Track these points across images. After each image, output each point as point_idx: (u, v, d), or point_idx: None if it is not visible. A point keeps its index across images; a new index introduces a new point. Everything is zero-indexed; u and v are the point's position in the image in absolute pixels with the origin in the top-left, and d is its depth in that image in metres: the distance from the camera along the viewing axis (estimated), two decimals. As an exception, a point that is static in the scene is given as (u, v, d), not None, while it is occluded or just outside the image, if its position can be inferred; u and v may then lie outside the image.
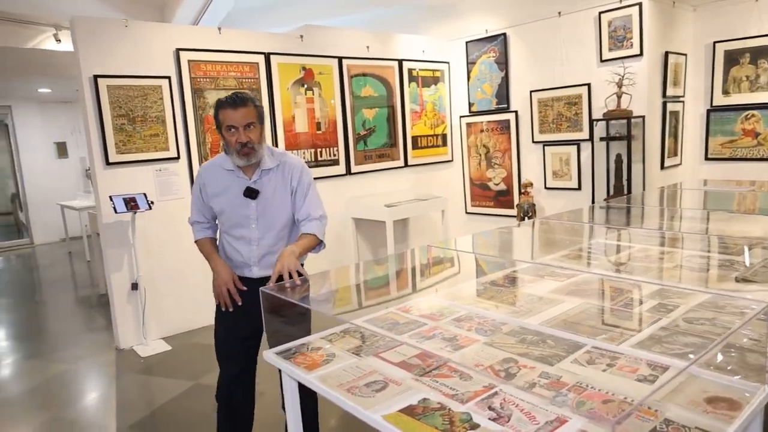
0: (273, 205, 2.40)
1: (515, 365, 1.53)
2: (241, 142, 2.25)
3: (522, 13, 5.93)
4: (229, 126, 2.25)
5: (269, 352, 1.89)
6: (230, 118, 2.24)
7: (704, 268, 2.40)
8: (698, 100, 5.74)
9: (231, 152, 2.30)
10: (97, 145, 4.28)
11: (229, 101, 2.25)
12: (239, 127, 2.24)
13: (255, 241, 2.41)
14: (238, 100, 2.25)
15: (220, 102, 2.28)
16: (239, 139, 2.25)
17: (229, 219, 2.42)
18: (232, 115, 2.23)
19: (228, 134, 2.27)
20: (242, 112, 2.24)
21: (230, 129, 2.25)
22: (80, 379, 4.00)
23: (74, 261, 8.63)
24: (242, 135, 2.24)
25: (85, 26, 4.20)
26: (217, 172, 2.41)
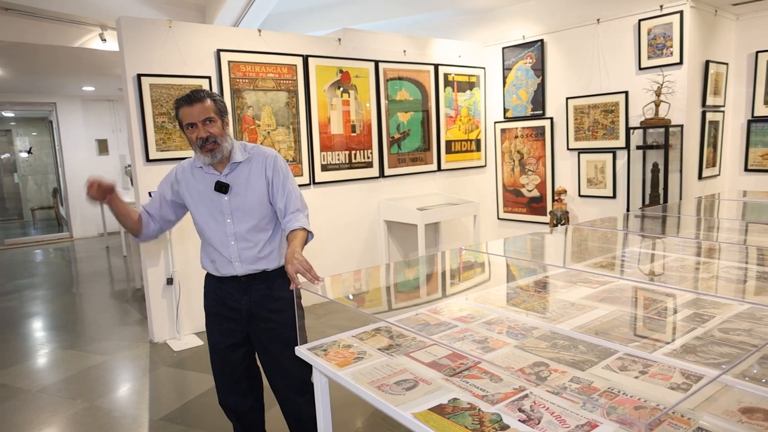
0: (247, 197, 2.32)
1: (546, 369, 1.53)
2: (201, 138, 2.19)
3: (560, 20, 5.90)
4: (188, 123, 2.19)
5: (301, 348, 1.92)
6: (187, 114, 2.18)
7: (741, 279, 2.35)
8: (739, 110, 5.62)
9: (195, 150, 2.25)
10: (139, 142, 4.40)
11: (184, 98, 2.20)
12: (197, 122, 2.18)
13: (231, 236, 2.32)
14: (194, 96, 2.19)
15: (177, 101, 2.23)
16: (199, 135, 2.19)
17: (201, 216, 2.36)
18: (189, 111, 2.18)
19: (188, 132, 2.22)
20: (198, 107, 2.17)
21: (189, 126, 2.20)
22: (115, 371, 4.11)
23: (111, 255, 8.85)
24: (201, 130, 2.19)
25: (131, 26, 4.33)
26: (190, 171, 2.36)
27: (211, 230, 2.36)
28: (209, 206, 2.34)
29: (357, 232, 5.68)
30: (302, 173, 5.24)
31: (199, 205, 2.35)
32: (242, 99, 4.84)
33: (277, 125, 5.06)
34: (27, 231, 12.15)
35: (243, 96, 4.84)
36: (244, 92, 4.84)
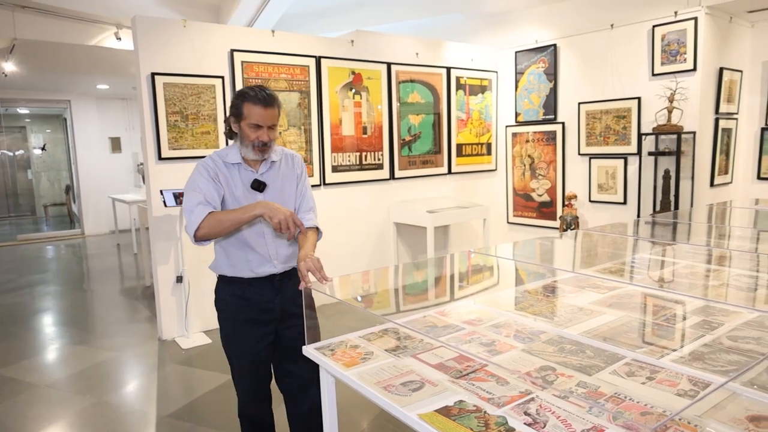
0: (281, 196, 2.33)
1: (553, 373, 1.53)
2: (262, 141, 2.20)
3: (573, 25, 5.88)
4: (255, 124, 2.18)
5: (309, 347, 1.93)
6: (258, 115, 2.17)
7: (751, 287, 2.34)
8: (752, 118, 5.58)
9: (245, 145, 2.22)
10: (151, 140, 4.44)
11: (260, 99, 2.16)
12: (264, 126, 2.19)
13: (268, 234, 2.30)
14: (269, 99, 2.18)
15: (247, 96, 2.17)
16: (261, 138, 2.19)
17: None
18: (261, 113, 2.17)
19: (249, 130, 2.19)
20: (270, 112, 2.19)
21: (255, 126, 2.18)
22: (124, 367, 4.14)
23: (122, 253, 8.92)
24: (265, 134, 2.19)
25: (146, 25, 4.37)
26: (225, 167, 2.28)
27: (247, 229, 2.29)
28: (243, 204, 2.26)
29: (366, 233, 5.69)
30: (313, 174, 5.27)
31: (233, 203, 2.28)
32: (254, 99, 4.85)
33: (289, 126, 5.08)
34: (39, 227, 12.29)
35: (255, 96, 4.86)
36: (256, 92, 4.86)
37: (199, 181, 2.22)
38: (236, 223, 2.13)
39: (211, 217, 2.12)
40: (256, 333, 2.32)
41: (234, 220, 2.12)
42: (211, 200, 2.19)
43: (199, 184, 2.21)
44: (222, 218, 2.12)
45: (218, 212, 2.15)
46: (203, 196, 2.17)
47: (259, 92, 2.17)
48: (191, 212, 2.16)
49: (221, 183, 2.25)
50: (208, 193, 2.19)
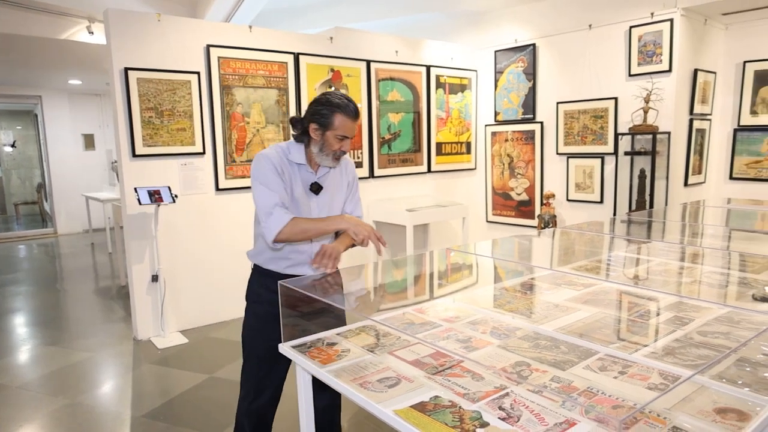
0: (332, 200, 2.37)
1: (527, 368, 1.54)
2: (344, 151, 2.23)
3: (552, 25, 5.93)
4: (343, 135, 2.19)
5: (284, 345, 1.92)
6: (348, 128, 2.19)
7: (722, 284, 2.38)
8: (725, 119, 5.68)
9: (326, 153, 2.22)
10: (125, 136, 4.37)
11: (352, 112, 2.19)
12: (350, 138, 2.22)
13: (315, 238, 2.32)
14: (358, 113, 2.22)
15: (339, 106, 2.17)
16: (344, 149, 2.22)
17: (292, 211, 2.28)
18: (351, 126, 2.19)
19: (335, 140, 2.19)
20: (356, 125, 2.23)
21: (342, 137, 2.19)
22: (98, 368, 4.08)
23: (96, 252, 8.78)
24: (348, 145, 2.23)
25: (119, 19, 4.29)
26: (288, 164, 2.27)
27: None
28: (298, 203, 2.28)
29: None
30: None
31: (293, 202, 2.28)
32: (231, 96, 4.82)
33: (267, 123, 5.05)
34: (10, 226, 12.02)
35: (232, 93, 4.83)
36: (233, 89, 4.83)
37: (270, 177, 2.19)
38: (320, 233, 2.21)
39: (294, 225, 2.14)
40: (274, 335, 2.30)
41: (319, 231, 2.20)
42: (284, 201, 2.20)
43: (270, 181, 2.18)
44: (307, 227, 2.17)
45: (302, 220, 2.17)
46: (279, 197, 2.17)
47: (349, 104, 2.18)
48: (269, 215, 2.14)
49: (284, 179, 2.24)
50: (281, 192, 2.19)
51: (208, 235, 4.83)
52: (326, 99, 2.19)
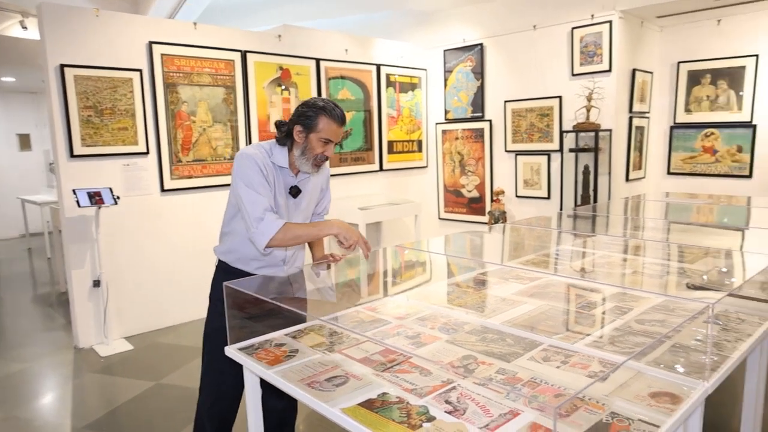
0: (306, 203, 2.37)
1: (474, 362, 1.56)
2: (326, 156, 2.20)
3: (499, 25, 6.03)
4: (328, 139, 2.16)
5: (231, 348, 1.88)
6: (333, 132, 2.15)
7: (660, 274, 2.47)
8: (662, 117, 5.91)
9: (307, 157, 2.18)
10: (62, 136, 4.20)
11: (339, 117, 2.15)
12: (333, 142, 2.19)
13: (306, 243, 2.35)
14: (344, 118, 2.19)
15: (325, 110, 2.14)
16: (327, 154, 2.19)
17: None
18: (336, 131, 2.16)
19: (318, 144, 2.16)
20: (342, 130, 2.20)
21: (326, 141, 2.16)
22: (36, 378, 3.90)
23: (34, 257, 8.42)
24: (331, 150, 2.20)
25: (53, 14, 4.12)
26: (273, 165, 2.23)
27: None
28: (277, 206, 2.24)
29: (296, 232, 5.60)
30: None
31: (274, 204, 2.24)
32: (176, 94, 4.70)
33: (214, 122, 4.95)
34: (-59, 231, 11.38)
35: (177, 91, 4.71)
36: (178, 87, 4.71)
37: (256, 179, 2.14)
38: (313, 239, 2.25)
39: (287, 230, 2.09)
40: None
41: (311, 237, 2.21)
42: (272, 203, 2.16)
43: (257, 184, 2.13)
44: (300, 233, 2.14)
45: (294, 226, 2.13)
46: (267, 200, 2.13)
47: (335, 108, 2.16)
48: (260, 220, 2.09)
49: (269, 181, 2.19)
50: (269, 195, 2.15)
51: (153, 237, 4.70)
52: (312, 102, 2.17)
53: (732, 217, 3.96)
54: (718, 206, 4.25)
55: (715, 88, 5.48)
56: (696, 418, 1.40)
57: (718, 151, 5.51)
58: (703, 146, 5.61)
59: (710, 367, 1.46)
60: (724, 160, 5.48)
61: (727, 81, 5.40)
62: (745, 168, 5.36)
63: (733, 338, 1.71)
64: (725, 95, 5.43)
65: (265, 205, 2.11)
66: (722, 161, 5.49)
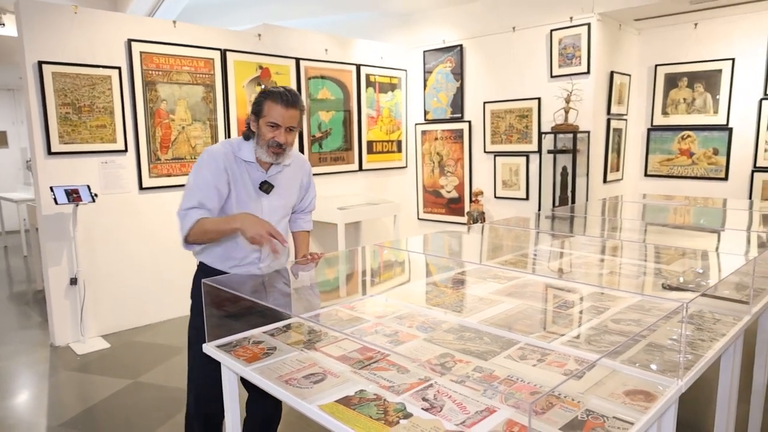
0: (283, 200, 2.33)
1: (451, 360, 1.58)
2: (278, 142, 2.13)
3: (478, 26, 6.07)
4: (273, 123, 2.11)
5: (209, 345, 1.88)
6: (278, 114, 2.10)
7: (637, 274, 2.52)
8: (640, 119, 6.00)
9: (261, 146, 2.16)
10: (39, 133, 4.14)
11: (283, 98, 2.09)
12: (283, 127, 2.12)
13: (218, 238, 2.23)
14: (292, 99, 2.11)
15: (271, 93, 2.11)
16: (277, 139, 2.12)
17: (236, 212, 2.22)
18: (281, 113, 2.10)
19: (267, 129, 2.12)
20: (292, 113, 2.12)
21: (273, 125, 2.11)
22: (10, 377, 3.84)
23: (10, 256, 8.28)
24: (282, 136, 2.12)
25: (31, 10, 4.07)
26: (235, 161, 2.20)
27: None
28: (247, 203, 2.22)
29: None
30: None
31: (238, 201, 2.21)
32: (155, 92, 4.66)
33: (193, 120, 4.91)
34: None
35: (156, 89, 4.66)
36: (157, 85, 4.67)
37: (199, 179, 2.14)
38: (219, 234, 2.13)
39: (198, 225, 2.09)
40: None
41: (218, 231, 2.11)
42: (207, 202, 2.13)
43: (197, 184, 2.13)
44: (207, 228, 2.10)
45: (206, 221, 2.10)
46: (198, 200, 2.12)
47: (282, 91, 2.12)
48: (184, 216, 2.12)
49: (229, 178, 2.16)
50: (205, 195, 2.13)
51: (131, 235, 4.65)
52: (263, 89, 2.18)
53: (708, 219, 4.04)
54: (695, 208, 4.33)
55: (692, 91, 5.58)
56: (670, 416, 1.42)
57: (694, 153, 5.61)
58: (680, 149, 5.71)
59: (684, 366, 1.49)
60: (701, 162, 5.58)
61: (704, 84, 5.50)
62: (721, 170, 5.47)
63: (708, 338, 1.75)
64: (702, 98, 5.53)
65: (193, 203, 2.12)
66: (699, 164, 5.60)
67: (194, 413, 2.35)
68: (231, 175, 2.18)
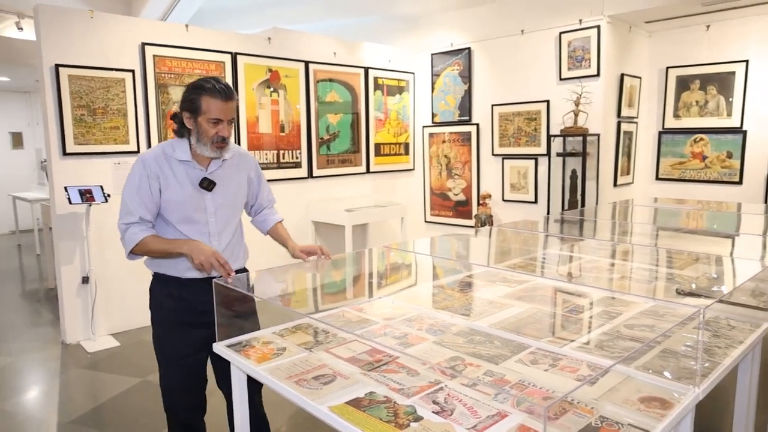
0: (230, 197, 2.25)
1: (462, 363, 1.58)
2: (223, 137, 2.09)
3: (486, 29, 6.07)
4: (216, 119, 2.05)
5: (219, 345, 1.89)
6: (218, 109, 2.05)
7: (649, 279, 2.50)
8: (651, 122, 5.96)
9: (204, 143, 2.09)
10: (55, 134, 4.19)
11: (221, 92, 2.04)
12: (225, 120, 2.08)
13: (215, 236, 2.19)
14: (229, 92, 2.07)
15: (204, 88, 2.04)
16: (222, 134, 2.08)
17: (179, 214, 2.15)
18: (221, 107, 2.05)
19: (208, 125, 2.06)
20: (231, 105, 2.08)
21: (215, 121, 2.06)
22: (22, 373, 3.88)
23: (23, 254, 8.36)
24: (226, 129, 2.09)
25: (49, 15, 4.13)
26: (168, 162, 2.14)
27: (188, 230, 2.17)
28: (189, 204, 2.15)
29: (285, 232, 5.60)
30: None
31: (178, 203, 2.15)
32: (167, 94, 4.69)
33: (204, 122, 4.93)
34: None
35: (168, 91, 4.70)
36: (169, 87, 4.70)
37: (132, 191, 2.11)
38: (164, 255, 2.12)
39: (142, 244, 2.09)
40: (192, 337, 2.18)
41: (163, 252, 2.11)
42: (144, 215, 2.11)
43: (131, 196, 2.10)
44: (152, 249, 2.10)
45: (150, 240, 2.09)
46: (136, 214, 2.09)
47: (216, 84, 2.05)
48: (125, 231, 2.11)
49: (160, 184, 2.11)
50: (140, 207, 2.10)
51: (141, 236, 4.67)
52: (193, 84, 2.09)
53: (722, 223, 3.98)
54: (708, 212, 4.29)
55: (705, 93, 5.53)
56: (687, 425, 1.40)
57: (707, 156, 5.57)
58: (692, 152, 5.67)
59: (701, 373, 1.46)
60: (714, 166, 5.54)
61: (717, 86, 5.46)
62: (735, 174, 5.42)
63: (724, 344, 1.73)
64: (714, 101, 5.49)
65: (132, 219, 2.10)
66: (712, 167, 5.55)
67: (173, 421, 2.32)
68: (164, 178, 2.13)
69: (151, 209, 2.13)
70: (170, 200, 2.14)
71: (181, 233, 2.16)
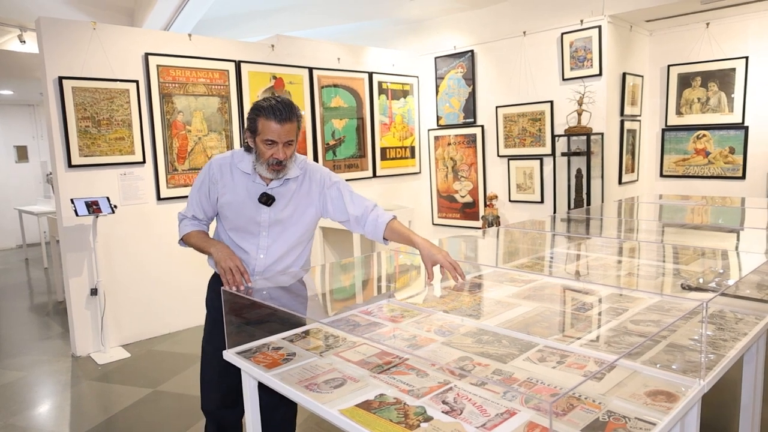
0: (289, 213, 2.24)
1: (470, 363, 1.58)
2: (278, 160, 2.06)
3: (489, 31, 6.09)
4: (270, 140, 2.03)
5: (229, 352, 1.90)
6: (273, 132, 2.01)
7: (655, 275, 2.50)
8: (654, 120, 5.96)
9: (260, 163, 2.09)
10: (60, 146, 4.22)
11: (276, 114, 2.00)
12: (280, 143, 2.04)
13: (263, 249, 2.21)
14: (285, 114, 2.01)
15: (263, 109, 2.02)
16: (276, 156, 2.05)
17: (232, 222, 2.22)
18: (276, 130, 2.01)
19: (264, 146, 2.05)
20: (287, 128, 2.03)
21: (270, 142, 2.04)
22: (33, 387, 3.90)
23: (31, 267, 8.40)
24: (281, 152, 2.05)
25: (52, 27, 4.16)
26: (230, 172, 2.18)
27: (238, 238, 2.22)
28: (243, 214, 2.18)
29: (291, 239, 5.61)
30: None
31: (232, 211, 2.20)
32: (172, 104, 4.73)
33: (209, 131, 4.97)
34: (-63, 244, 11.34)
35: (173, 101, 4.73)
36: (173, 97, 4.73)
37: (193, 191, 2.28)
38: (199, 250, 2.25)
39: (188, 237, 2.27)
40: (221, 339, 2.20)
41: (198, 248, 2.25)
42: (198, 213, 2.28)
43: (192, 195, 2.28)
44: (192, 242, 2.27)
45: (194, 234, 2.26)
46: (191, 211, 2.28)
47: (275, 105, 2.02)
48: (180, 221, 2.32)
49: (218, 190, 2.20)
50: (195, 206, 2.27)
51: (149, 245, 4.71)
52: (255, 104, 2.09)
53: (726, 218, 3.99)
54: (712, 207, 4.29)
55: (706, 90, 5.54)
56: (693, 417, 1.41)
57: (710, 152, 5.57)
58: (696, 148, 5.67)
59: (706, 366, 1.48)
60: (717, 161, 5.53)
61: (718, 83, 5.46)
62: (738, 169, 5.41)
63: (730, 337, 1.74)
64: (716, 97, 5.49)
65: (188, 213, 2.29)
66: (715, 163, 5.55)
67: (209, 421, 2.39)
68: (222, 185, 2.19)
69: (207, 209, 2.28)
70: (224, 207, 2.23)
71: (231, 240, 2.25)
